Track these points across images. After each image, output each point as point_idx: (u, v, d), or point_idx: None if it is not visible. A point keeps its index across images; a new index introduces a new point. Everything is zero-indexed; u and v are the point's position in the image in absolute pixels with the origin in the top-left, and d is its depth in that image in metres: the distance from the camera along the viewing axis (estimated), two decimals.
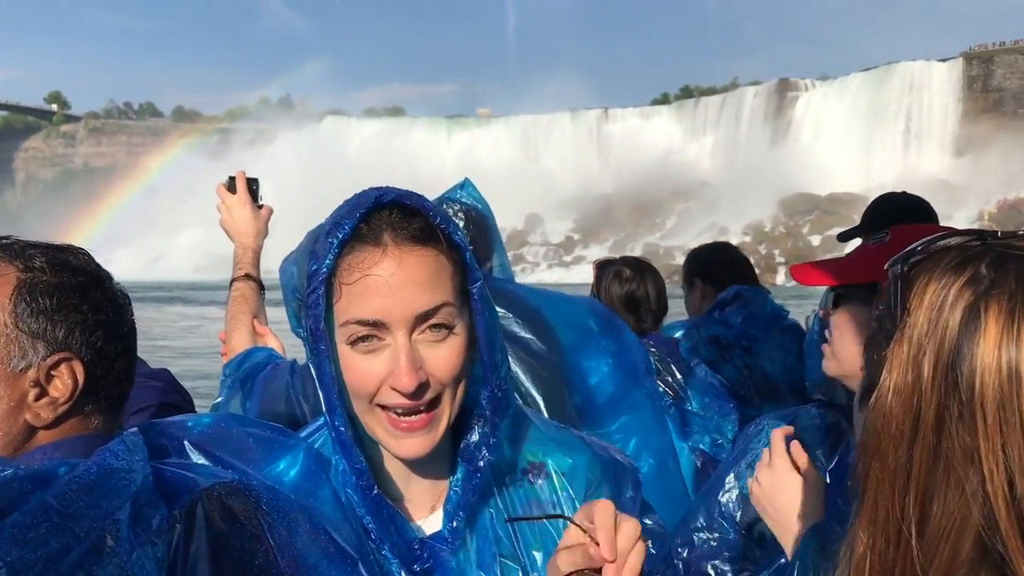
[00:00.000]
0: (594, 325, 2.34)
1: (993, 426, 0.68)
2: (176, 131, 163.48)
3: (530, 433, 1.28)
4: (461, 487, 1.16)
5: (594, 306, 2.45)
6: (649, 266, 3.31)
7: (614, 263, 3.25)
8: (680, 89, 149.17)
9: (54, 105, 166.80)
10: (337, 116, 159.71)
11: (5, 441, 1.04)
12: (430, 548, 1.15)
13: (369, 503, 1.12)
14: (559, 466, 1.26)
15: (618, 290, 3.15)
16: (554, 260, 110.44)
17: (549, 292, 2.36)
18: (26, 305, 1.05)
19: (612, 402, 2.26)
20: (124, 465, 0.96)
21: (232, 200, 2.35)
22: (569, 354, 2.23)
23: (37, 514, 0.87)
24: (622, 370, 2.31)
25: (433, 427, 1.11)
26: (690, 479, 2.75)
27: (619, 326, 2.41)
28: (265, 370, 2.09)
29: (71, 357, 1.07)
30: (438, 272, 1.09)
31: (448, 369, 1.09)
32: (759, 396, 3.13)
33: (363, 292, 1.07)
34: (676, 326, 3.42)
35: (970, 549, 0.70)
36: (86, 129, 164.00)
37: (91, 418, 1.09)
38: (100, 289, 1.12)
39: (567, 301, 2.36)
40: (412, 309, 1.06)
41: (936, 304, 0.73)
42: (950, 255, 0.76)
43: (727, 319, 3.29)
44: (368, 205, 1.09)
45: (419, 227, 1.09)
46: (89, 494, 0.91)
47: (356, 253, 1.08)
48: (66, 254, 1.12)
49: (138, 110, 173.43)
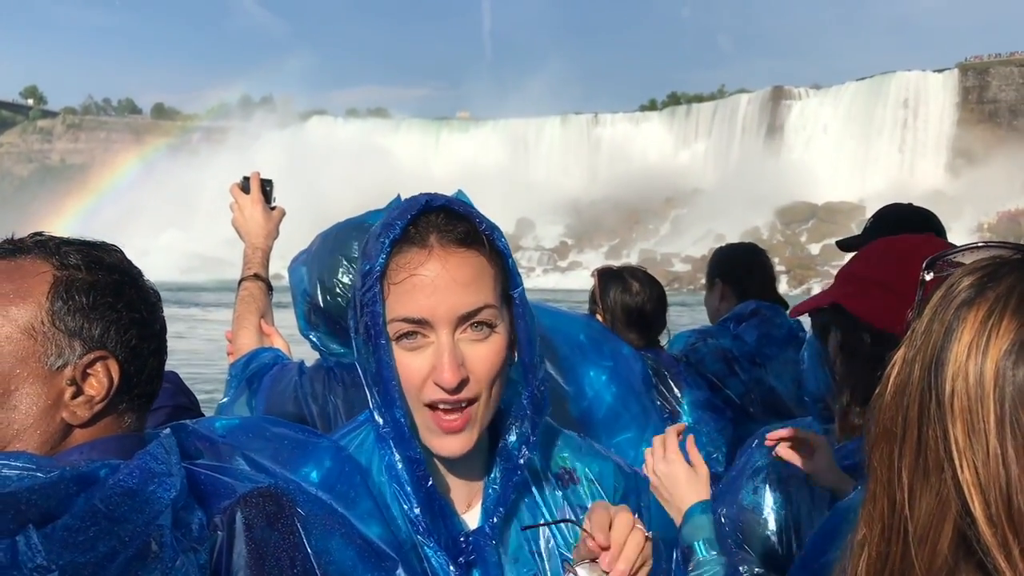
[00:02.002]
0: (591, 340, 2.38)
1: (962, 429, 0.72)
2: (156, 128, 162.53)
3: (559, 440, 1.36)
4: (500, 484, 1.22)
5: (589, 322, 2.50)
6: (655, 279, 3.29)
7: (619, 274, 3.21)
8: (667, 96, 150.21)
9: (30, 100, 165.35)
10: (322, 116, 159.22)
11: (43, 439, 1.05)
12: (474, 542, 1.20)
13: (422, 494, 1.17)
14: (589, 472, 1.34)
15: (628, 303, 3.11)
16: (549, 265, 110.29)
17: (545, 306, 2.39)
18: (63, 303, 1.06)
19: (610, 417, 2.30)
20: (164, 469, 0.98)
21: (245, 200, 2.41)
22: (567, 369, 2.26)
23: (85, 517, 0.88)
24: (621, 385, 2.35)
25: (471, 427, 1.17)
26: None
27: (616, 341, 2.45)
28: (272, 370, 2.13)
29: (107, 355, 1.08)
30: (480, 274, 1.15)
31: (488, 367, 1.16)
32: (764, 411, 3.14)
33: (410, 291, 1.13)
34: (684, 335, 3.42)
35: (951, 543, 0.74)
36: (63, 125, 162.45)
37: (124, 416, 1.11)
38: (134, 287, 1.14)
39: (563, 316, 2.40)
40: (455, 308, 1.13)
41: (936, 306, 0.77)
42: (973, 262, 0.80)
43: (741, 335, 3.28)
44: (418, 208, 1.16)
45: (464, 231, 1.16)
46: (133, 498, 0.92)
47: (404, 254, 1.14)
48: (100, 251, 1.14)
49: (117, 106, 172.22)
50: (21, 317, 1.05)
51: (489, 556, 1.20)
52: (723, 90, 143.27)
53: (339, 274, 2.03)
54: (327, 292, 2.05)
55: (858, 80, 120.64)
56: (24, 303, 1.06)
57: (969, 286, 0.76)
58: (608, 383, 2.30)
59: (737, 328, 3.32)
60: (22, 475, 0.90)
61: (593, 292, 3.20)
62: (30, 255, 1.10)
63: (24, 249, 1.11)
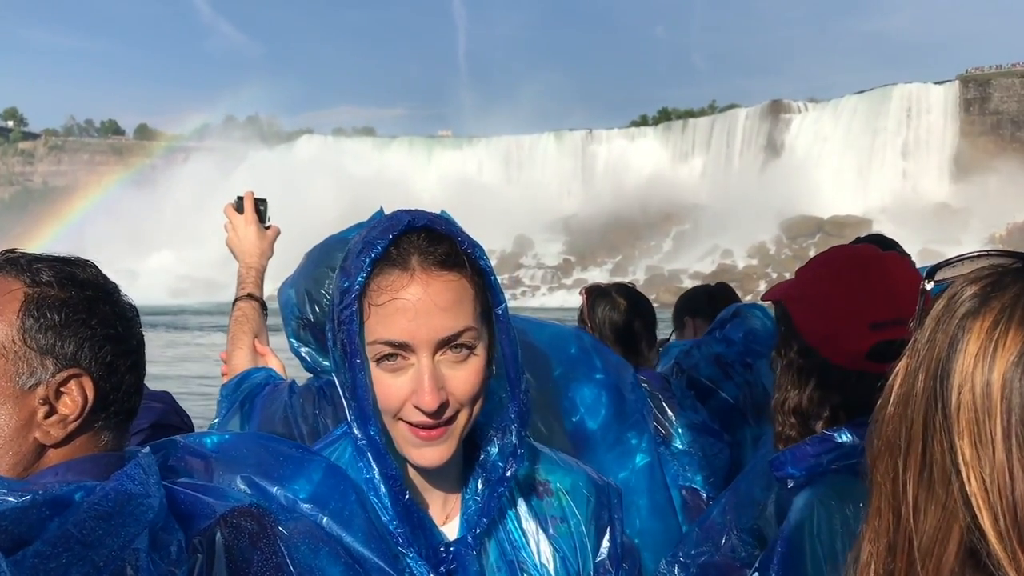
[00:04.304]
0: (582, 352, 2.38)
1: (969, 441, 0.72)
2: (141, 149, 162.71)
3: (532, 452, 1.39)
4: (483, 495, 1.25)
5: (579, 334, 2.52)
6: (643, 297, 3.33)
7: (607, 292, 3.24)
8: (658, 111, 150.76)
9: (10, 122, 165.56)
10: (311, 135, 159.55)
11: (15, 460, 1.04)
12: (456, 552, 1.23)
13: (400, 508, 1.19)
14: (562, 485, 1.38)
15: (615, 320, 3.14)
16: (554, 283, 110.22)
17: (535, 320, 2.40)
18: (34, 321, 1.06)
19: (603, 431, 2.31)
20: (141, 490, 0.97)
21: (239, 220, 2.44)
22: (561, 384, 2.27)
23: (57, 543, 0.87)
24: (613, 397, 2.35)
25: (449, 438, 1.19)
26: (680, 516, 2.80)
27: (605, 352, 2.47)
28: (264, 391, 2.14)
29: (80, 373, 1.07)
30: (461, 297, 1.18)
31: (468, 389, 1.19)
32: (758, 414, 3.16)
33: (391, 314, 1.15)
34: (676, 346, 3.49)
35: (958, 556, 0.74)
36: (45, 146, 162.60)
37: (101, 435, 1.10)
38: (108, 303, 1.13)
39: (552, 330, 2.40)
40: (436, 333, 1.15)
41: (939, 316, 0.77)
42: (973, 271, 0.80)
43: (728, 336, 3.35)
44: (400, 228, 1.17)
45: (445, 252, 1.17)
46: (108, 521, 0.91)
47: (385, 275, 1.16)
48: (73, 267, 1.14)
49: (100, 127, 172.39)
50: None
51: (470, 565, 1.23)
52: (714, 105, 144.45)
53: (325, 286, 2.09)
54: (315, 304, 2.11)
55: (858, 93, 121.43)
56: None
57: (973, 296, 0.76)
58: (600, 397, 2.33)
59: (723, 332, 3.39)
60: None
61: (582, 310, 3.24)
62: (1, 273, 1.09)
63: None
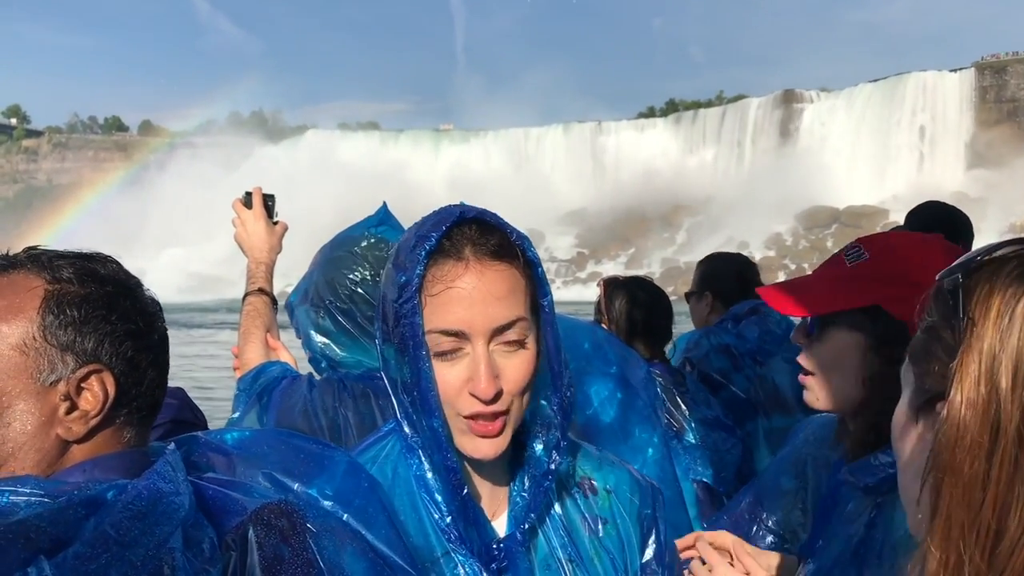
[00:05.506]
0: (595, 347, 2.42)
1: None
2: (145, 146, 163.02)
3: (577, 451, 1.41)
4: (530, 491, 1.27)
5: (593, 328, 2.56)
6: (661, 291, 3.35)
7: (625, 284, 3.25)
8: (666, 103, 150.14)
9: (13, 119, 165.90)
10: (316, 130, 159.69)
11: (39, 457, 1.06)
12: (506, 548, 1.25)
13: (458, 503, 1.22)
14: (606, 483, 1.39)
15: (637, 315, 3.15)
16: (568, 277, 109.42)
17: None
18: (54, 317, 1.08)
19: (616, 426, 2.35)
20: (172, 488, 0.99)
21: (247, 215, 2.49)
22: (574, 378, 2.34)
23: (95, 544, 0.90)
24: (626, 393, 2.39)
25: (504, 432, 1.22)
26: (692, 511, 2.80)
27: (619, 346, 2.50)
28: (281, 384, 2.17)
29: (101, 369, 1.09)
30: (514, 287, 1.21)
31: (520, 379, 1.21)
32: (768, 407, 3.21)
33: (447, 303, 1.17)
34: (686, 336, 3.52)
35: None
36: (49, 144, 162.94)
37: (123, 431, 1.12)
38: (129, 298, 1.15)
39: (567, 323, 2.45)
40: (492, 321, 1.18)
41: (1006, 314, 0.76)
42: (1010, 264, 0.79)
43: (742, 332, 3.37)
44: (452, 220, 1.20)
45: (497, 243, 1.21)
46: (142, 520, 0.94)
47: (439, 266, 1.19)
48: (94, 263, 1.16)
49: (103, 124, 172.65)
50: (13, 334, 1.07)
51: (520, 562, 1.25)
52: (722, 96, 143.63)
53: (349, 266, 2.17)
54: (339, 286, 2.17)
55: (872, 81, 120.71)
56: (15, 319, 1.08)
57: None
58: (614, 391, 2.36)
59: (737, 327, 3.41)
60: (30, 501, 0.91)
61: (599, 302, 3.26)
62: (22, 270, 1.12)
63: (17, 264, 1.13)
